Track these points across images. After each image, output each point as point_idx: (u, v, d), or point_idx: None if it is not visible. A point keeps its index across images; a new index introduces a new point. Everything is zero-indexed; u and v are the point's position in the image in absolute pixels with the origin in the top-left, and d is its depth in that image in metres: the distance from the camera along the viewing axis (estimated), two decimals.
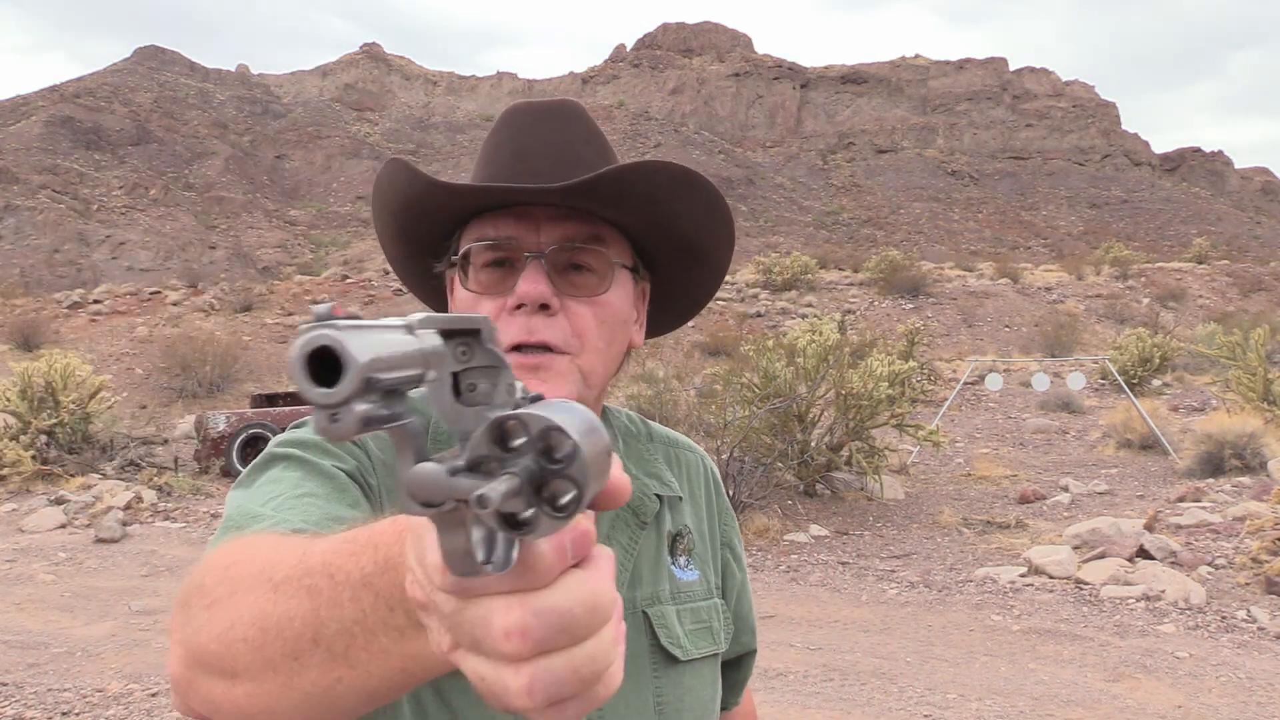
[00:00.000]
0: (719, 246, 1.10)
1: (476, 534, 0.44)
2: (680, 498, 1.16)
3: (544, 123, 1.05)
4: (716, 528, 1.21)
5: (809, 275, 36.31)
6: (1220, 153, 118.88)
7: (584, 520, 0.47)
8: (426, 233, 1.07)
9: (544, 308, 0.98)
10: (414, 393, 0.47)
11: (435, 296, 1.14)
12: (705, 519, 1.19)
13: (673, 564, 1.11)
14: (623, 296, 1.04)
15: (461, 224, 1.05)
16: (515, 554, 0.44)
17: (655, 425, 1.23)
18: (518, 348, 0.97)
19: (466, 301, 1.01)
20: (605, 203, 1.00)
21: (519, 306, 0.97)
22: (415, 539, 0.50)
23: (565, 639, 0.45)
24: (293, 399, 15.41)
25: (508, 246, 1.00)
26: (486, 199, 1.01)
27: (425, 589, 0.49)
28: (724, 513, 1.23)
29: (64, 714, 5.11)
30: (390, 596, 0.57)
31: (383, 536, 0.59)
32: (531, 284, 0.97)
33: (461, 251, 1.02)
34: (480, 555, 0.44)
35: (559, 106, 1.08)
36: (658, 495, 1.11)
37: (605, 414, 1.16)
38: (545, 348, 0.98)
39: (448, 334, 0.49)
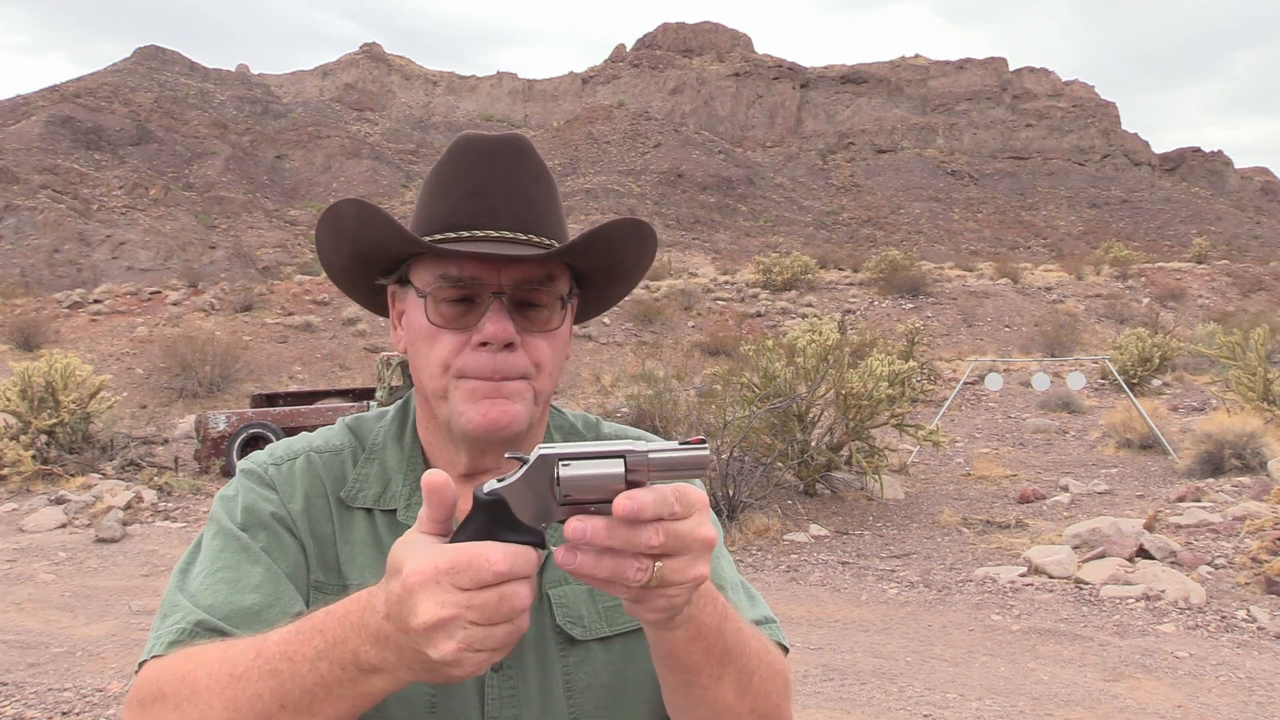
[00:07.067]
0: (641, 271, 1.22)
1: None
2: None
3: (497, 160, 1.10)
4: None
5: (809, 275, 36.34)
6: (1220, 152, 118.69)
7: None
8: (382, 261, 1.14)
9: (507, 345, 1.06)
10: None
11: (373, 299, 1.22)
12: None
13: None
14: (568, 323, 1.15)
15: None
16: None
17: (608, 424, 1.30)
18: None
19: (427, 332, 1.09)
20: (577, 256, 1.10)
21: (484, 344, 1.06)
22: (398, 599, 0.80)
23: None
24: (293, 399, 15.40)
25: (470, 285, 1.07)
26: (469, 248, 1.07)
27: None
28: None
29: (64, 714, 5.11)
30: (342, 660, 0.84)
31: (325, 623, 0.86)
32: (499, 325, 1.05)
33: (428, 290, 1.08)
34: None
35: (510, 142, 1.12)
36: None
37: (551, 415, 1.24)
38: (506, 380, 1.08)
39: None
